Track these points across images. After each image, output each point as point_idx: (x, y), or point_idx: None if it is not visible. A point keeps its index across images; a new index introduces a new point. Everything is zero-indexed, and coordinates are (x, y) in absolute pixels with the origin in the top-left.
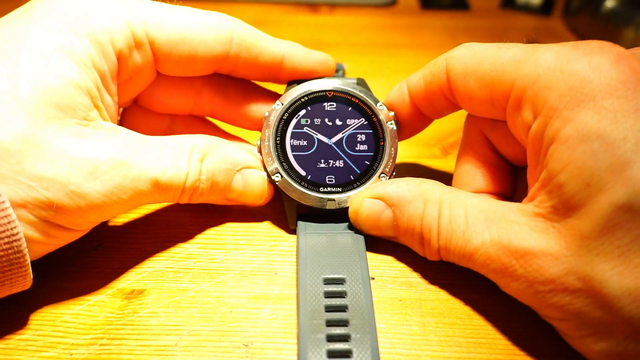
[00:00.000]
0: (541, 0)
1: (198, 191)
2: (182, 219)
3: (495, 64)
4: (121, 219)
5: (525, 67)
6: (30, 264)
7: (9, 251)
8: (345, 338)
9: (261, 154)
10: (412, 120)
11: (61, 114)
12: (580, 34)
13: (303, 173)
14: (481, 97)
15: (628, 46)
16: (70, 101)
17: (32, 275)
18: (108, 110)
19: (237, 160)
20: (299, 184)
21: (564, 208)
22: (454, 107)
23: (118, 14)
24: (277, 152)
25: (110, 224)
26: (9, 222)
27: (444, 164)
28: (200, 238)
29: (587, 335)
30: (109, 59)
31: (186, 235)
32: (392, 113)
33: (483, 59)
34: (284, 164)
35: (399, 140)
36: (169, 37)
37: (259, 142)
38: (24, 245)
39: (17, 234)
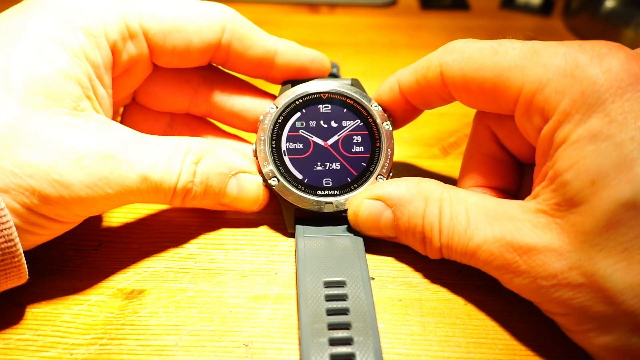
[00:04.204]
0: (541, 0)
1: (191, 194)
2: (182, 219)
3: (497, 70)
4: (121, 219)
5: (533, 72)
6: (23, 254)
7: (0, 240)
8: (347, 341)
9: (257, 158)
10: (404, 113)
11: (50, 102)
12: (580, 34)
13: (299, 176)
14: (485, 101)
15: (628, 46)
16: (60, 90)
17: (26, 267)
18: (101, 102)
19: (232, 165)
20: (296, 187)
21: (567, 204)
22: (450, 101)
23: (112, 6)
24: (273, 155)
25: (110, 224)
26: None
27: (444, 164)
28: (200, 238)
29: (589, 329)
30: (103, 50)
31: (186, 235)
32: (387, 113)
33: (481, 65)
34: (280, 167)
35: (393, 129)
36: (163, 26)
37: (254, 146)
38: (15, 234)
39: (7, 222)
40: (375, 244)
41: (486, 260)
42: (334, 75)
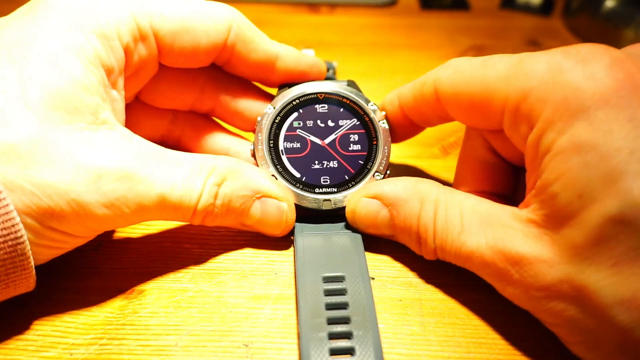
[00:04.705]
0: (541, 0)
1: (212, 215)
2: None
3: (484, 83)
4: None
5: (517, 82)
6: (34, 267)
7: (13, 254)
8: (347, 335)
9: (255, 158)
10: (405, 128)
11: (70, 117)
12: (580, 34)
13: (297, 175)
14: (476, 116)
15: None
16: (78, 103)
17: (35, 277)
18: (114, 106)
19: (257, 188)
20: (294, 185)
21: (556, 217)
22: (447, 120)
23: (123, 6)
24: (271, 155)
25: None
26: (12, 226)
27: (444, 164)
28: (200, 238)
29: (580, 341)
30: (117, 53)
31: (186, 235)
32: (383, 112)
33: (471, 79)
34: (278, 166)
35: (393, 142)
36: (172, 27)
37: (252, 147)
38: (28, 247)
39: (20, 237)
40: (375, 243)
41: (479, 266)
42: (329, 78)
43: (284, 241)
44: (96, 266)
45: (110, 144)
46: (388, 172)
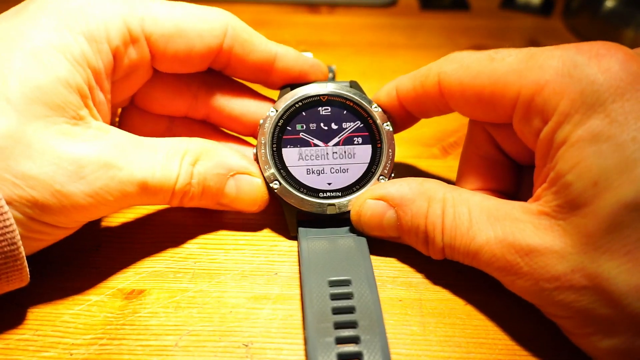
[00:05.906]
0: (541, 0)
1: (189, 195)
2: (182, 219)
3: (494, 77)
4: (121, 219)
5: (530, 75)
6: (25, 257)
7: (3, 243)
8: (354, 340)
9: (258, 162)
10: (401, 120)
11: (50, 112)
12: (580, 34)
13: (301, 179)
14: (482, 110)
15: (628, 46)
16: (60, 100)
17: (28, 270)
18: (99, 108)
19: (230, 165)
20: (298, 190)
21: (569, 206)
22: (447, 112)
23: (114, 10)
24: (274, 159)
25: (110, 224)
26: (1, 214)
27: (444, 164)
28: (200, 238)
29: (592, 332)
30: (105, 56)
31: (186, 235)
32: (387, 114)
33: (478, 73)
34: (282, 170)
35: None
36: (165, 31)
37: (255, 150)
38: (18, 237)
39: (10, 225)
40: (376, 244)
41: (488, 261)
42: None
43: (284, 241)
44: (96, 266)
45: (89, 136)
46: (393, 175)
